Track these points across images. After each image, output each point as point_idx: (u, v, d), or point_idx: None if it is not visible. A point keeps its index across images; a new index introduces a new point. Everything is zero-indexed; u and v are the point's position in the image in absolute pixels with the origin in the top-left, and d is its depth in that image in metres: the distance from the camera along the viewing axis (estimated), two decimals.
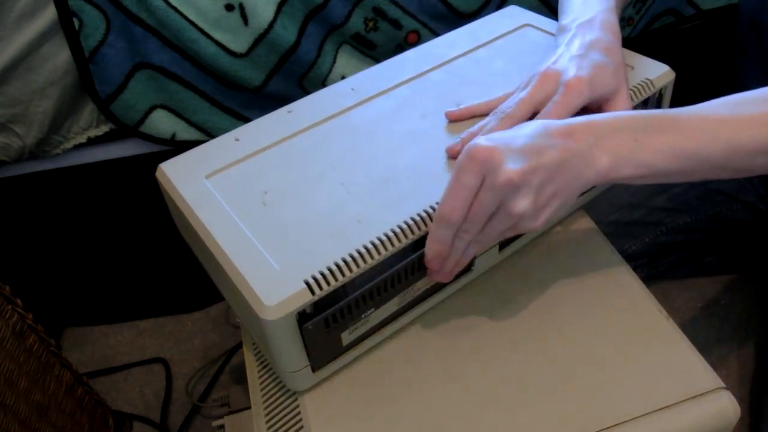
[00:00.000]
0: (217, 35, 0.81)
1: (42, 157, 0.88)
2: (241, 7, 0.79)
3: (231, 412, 0.68)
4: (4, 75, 0.78)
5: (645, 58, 0.57)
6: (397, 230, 0.43)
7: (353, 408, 0.46)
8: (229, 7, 0.79)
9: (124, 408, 1.02)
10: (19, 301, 0.75)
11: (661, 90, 0.55)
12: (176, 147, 0.89)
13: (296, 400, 0.47)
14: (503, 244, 0.53)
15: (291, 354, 0.43)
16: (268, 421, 0.48)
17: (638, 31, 0.94)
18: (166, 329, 1.13)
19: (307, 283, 0.40)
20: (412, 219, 0.44)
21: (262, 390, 0.51)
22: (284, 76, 0.85)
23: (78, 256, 1.06)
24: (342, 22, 0.82)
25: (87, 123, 0.86)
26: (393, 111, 0.54)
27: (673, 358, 0.46)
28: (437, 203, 0.44)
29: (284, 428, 0.46)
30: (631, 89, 0.53)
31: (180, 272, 1.07)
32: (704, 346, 0.47)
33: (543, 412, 0.44)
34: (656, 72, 0.55)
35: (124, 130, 0.87)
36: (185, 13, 0.79)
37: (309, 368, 0.45)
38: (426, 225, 0.44)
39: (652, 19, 0.94)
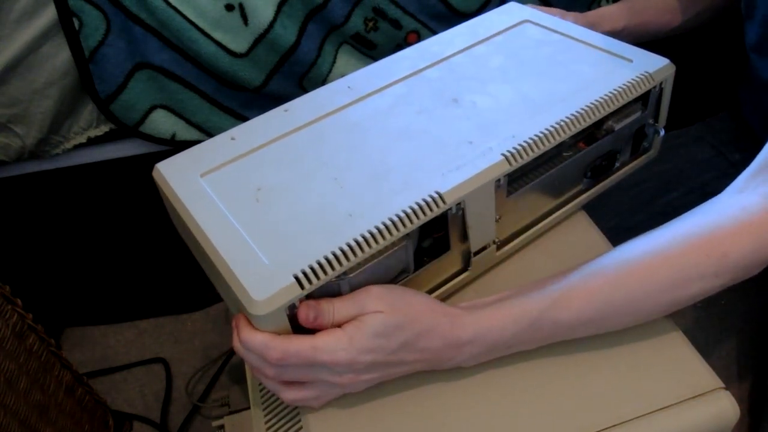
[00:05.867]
0: (217, 35, 0.81)
1: (42, 157, 0.88)
2: (241, 7, 0.79)
3: (231, 412, 0.68)
4: (4, 75, 0.78)
5: (644, 51, 0.56)
6: (388, 223, 0.43)
7: (352, 408, 0.46)
8: (229, 7, 0.79)
9: (124, 408, 1.02)
10: (19, 301, 0.75)
11: (661, 83, 0.55)
12: (176, 147, 0.89)
13: None
14: (501, 245, 0.52)
15: None
16: (267, 422, 0.48)
17: None
18: (166, 329, 1.13)
19: (297, 278, 0.40)
20: (404, 212, 0.43)
21: (261, 390, 0.51)
22: (284, 76, 0.85)
23: (78, 256, 1.06)
24: (342, 22, 0.82)
25: (87, 123, 0.86)
26: (389, 108, 0.54)
27: (672, 358, 0.46)
28: (429, 195, 0.44)
29: (283, 428, 0.46)
30: (629, 83, 0.52)
31: (180, 272, 1.08)
32: (704, 346, 0.47)
33: (542, 412, 0.44)
34: (656, 65, 0.54)
35: (124, 130, 0.87)
36: (185, 13, 0.79)
37: None
38: (418, 218, 0.44)
39: None
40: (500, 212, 0.50)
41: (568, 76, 0.55)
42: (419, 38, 0.86)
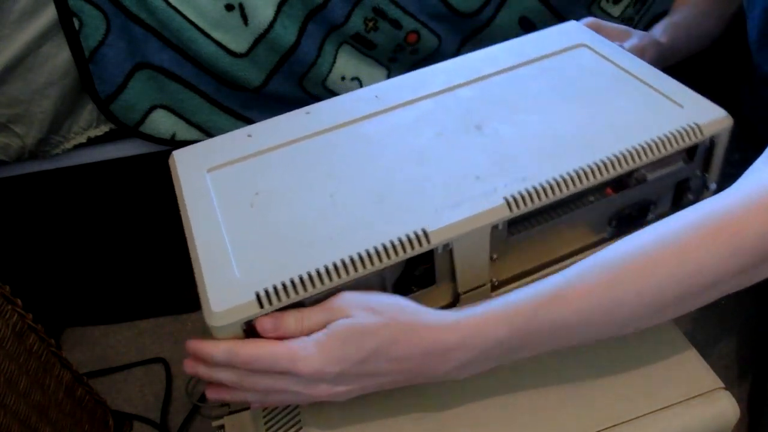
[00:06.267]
0: (217, 35, 0.81)
1: (42, 157, 0.88)
2: (241, 7, 0.79)
3: (231, 412, 0.68)
4: (4, 75, 0.78)
5: (699, 98, 0.49)
6: (364, 255, 0.40)
7: (351, 408, 0.45)
8: (229, 7, 0.79)
9: (124, 408, 1.02)
10: (19, 301, 0.75)
11: (713, 138, 0.47)
12: (176, 147, 0.88)
13: None
14: (498, 285, 0.48)
15: None
16: (267, 422, 0.48)
17: None
18: (166, 329, 1.13)
19: (258, 296, 0.39)
20: (383, 245, 0.41)
21: None
22: (284, 76, 0.85)
23: (78, 256, 1.06)
24: (342, 22, 0.82)
25: (87, 123, 0.87)
26: (409, 124, 0.51)
27: (672, 359, 0.46)
28: (414, 232, 0.41)
29: (283, 428, 0.46)
30: (672, 133, 0.46)
31: (180, 272, 1.07)
32: (704, 346, 0.47)
33: (543, 413, 0.44)
34: (708, 116, 0.47)
35: (124, 130, 0.87)
36: (185, 13, 0.79)
37: None
38: (397, 254, 0.41)
39: (653, 19, 0.94)
40: (499, 252, 0.46)
41: (607, 114, 0.49)
42: (419, 38, 0.86)
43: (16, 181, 0.91)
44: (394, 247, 0.41)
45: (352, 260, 0.40)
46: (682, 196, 0.51)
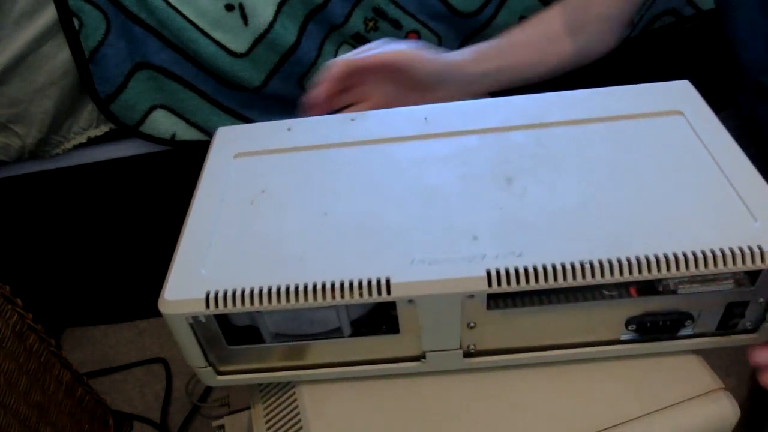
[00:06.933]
0: (217, 35, 0.81)
1: (42, 157, 0.89)
2: (241, 7, 0.79)
3: (231, 412, 0.68)
4: (4, 75, 0.78)
5: None
6: (319, 288, 0.39)
7: (352, 408, 0.46)
8: (229, 7, 0.79)
9: (124, 408, 1.02)
10: (19, 301, 0.75)
11: None
12: (176, 147, 0.89)
13: (296, 400, 0.47)
14: (475, 354, 0.44)
15: (189, 350, 0.44)
16: (267, 422, 0.48)
17: (638, 31, 0.94)
18: (166, 329, 1.12)
19: (207, 296, 0.40)
20: (341, 283, 0.39)
21: (261, 390, 0.51)
22: (284, 76, 0.85)
23: (78, 256, 1.06)
24: (342, 22, 0.83)
25: (87, 123, 0.87)
26: (440, 158, 0.48)
27: (672, 359, 0.46)
28: (377, 279, 0.38)
29: (283, 428, 0.46)
30: (724, 251, 0.37)
31: None
32: None
33: (543, 413, 0.44)
34: None
35: (124, 130, 0.87)
36: (185, 13, 0.79)
37: (211, 369, 0.45)
38: (352, 296, 0.38)
39: (652, 19, 0.94)
40: (479, 322, 0.42)
41: (661, 203, 0.42)
42: (419, 38, 0.86)
43: (16, 181, 0.91)
44: (351, 287, 0.38)
45: (305, 289, 0.39)
46: (733, 317, 0.42)
